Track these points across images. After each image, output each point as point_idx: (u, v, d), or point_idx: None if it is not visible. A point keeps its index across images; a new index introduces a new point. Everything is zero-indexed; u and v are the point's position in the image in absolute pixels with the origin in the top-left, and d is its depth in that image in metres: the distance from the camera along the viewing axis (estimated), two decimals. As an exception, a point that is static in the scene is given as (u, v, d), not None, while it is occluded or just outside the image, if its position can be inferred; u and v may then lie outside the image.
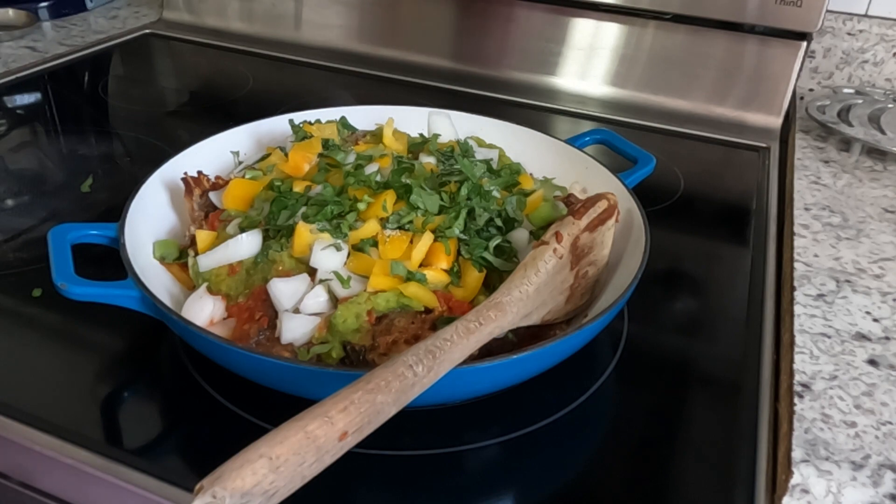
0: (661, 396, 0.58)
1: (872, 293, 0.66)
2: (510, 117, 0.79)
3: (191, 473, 0.49)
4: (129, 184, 0.64)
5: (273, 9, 1.25)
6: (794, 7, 0.95)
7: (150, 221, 0.63)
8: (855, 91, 1.04)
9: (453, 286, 0.56)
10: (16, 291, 0.65)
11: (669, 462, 0.52)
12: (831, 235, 0.74)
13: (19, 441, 0.51)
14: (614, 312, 0.53)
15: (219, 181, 0.67)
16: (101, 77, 1.14)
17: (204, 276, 0.58)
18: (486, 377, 0.50)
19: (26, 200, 0.80)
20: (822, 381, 0.56)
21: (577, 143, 0.77)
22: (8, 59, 1.11)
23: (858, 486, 0.48)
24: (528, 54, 1.12)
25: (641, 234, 0.61)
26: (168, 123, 1.00)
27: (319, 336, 0.53)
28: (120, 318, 0.56)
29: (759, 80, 1.02)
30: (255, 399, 0.54)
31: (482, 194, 0.61)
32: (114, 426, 0.53)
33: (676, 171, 0.91)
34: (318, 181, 0.63)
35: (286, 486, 0.36)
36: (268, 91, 1.10)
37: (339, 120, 0.76)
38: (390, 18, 1.19)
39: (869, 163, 0.90)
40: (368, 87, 1.13)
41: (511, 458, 0.52)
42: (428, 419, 0.54)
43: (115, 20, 1.31)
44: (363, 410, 0.39)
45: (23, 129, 0.97)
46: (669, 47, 1.05)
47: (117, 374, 0.58)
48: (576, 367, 0.56)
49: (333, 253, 0.56)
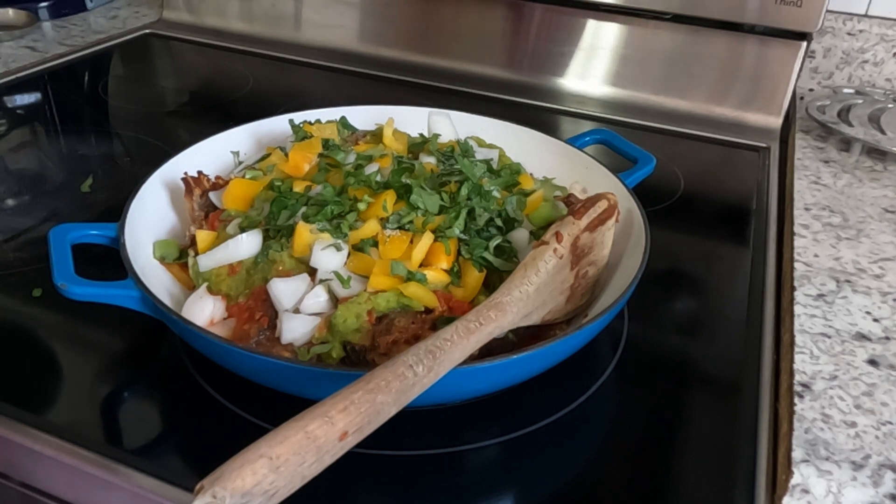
0: (661, 396, 0.58)
1: (872, 293, 0.66)
2: (510, 117, 0.79)
3: (191, 473, 0.49)
4: (129, 184, 0.64)
5: (273, 9, 1.25)
6: (794, 7, 0.95)
7: (151, 221, 0.63)
8: (855, 91, 1.04)
9: (453, 286, 0.56)
10: (16, 291, 0.65)
11: (669, 462, 0.52)
12: (831, 235, 0.74)
13: (19, 441, 0.51)
14: (614, 312, 0.53)
15: (219, 181, 0.67)
16: (101, 77, 1.14)
17: (204, 276, 0.58)
18: (486, 377, 0.50)
19: (26, 200, 0.80)
20: (822, 381, 0.56)
21: (577, 143, 0.77)
22: (8, 59, 1.11)
23: (858, 486, 0.48)
24: (529, 54, 1.12)
25: (641, 234, 0.61)
26: (168, 123, 1.00)
27: (320, 336, 0.53)
28: (120, 319, 0.56)
29: (759, 80, 1.02)
30: (255, 399, 0.54)
31: (482, 194, 0.62)
32: (114, 426, 0.53)
33: (676, 171, 0.91)
34: (318, 181, 0.63)
35: (286, 486, 0.36)
36: (268, 91, 1.10)
37: (339, 120, 0.76)
38: (390, 18, 1.18)
39: (869, 163, 0.90)
40: (368, 87, 1.13)
41: (511, 458, 0.52)
42: (428, 419, 0.54)
43: (115, 20, 1.31)
44: (363, 410, 0.39)
45: (23, 129, 0.97)
46: (670, 47, 1.05)
47: (117, 374, 0.58)
48: (576, 367, 0.56)
49: (333, 253, 0.56)
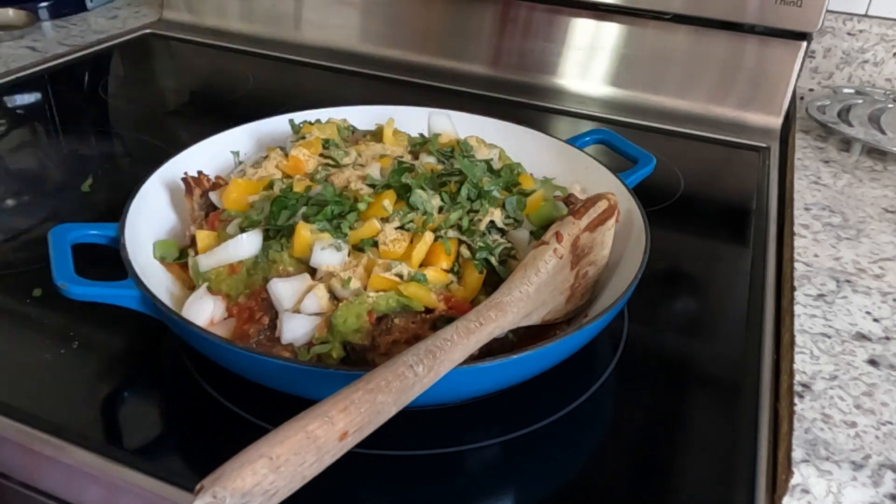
0: (661, 396, 0.58)
1: (873, 293, 0.66)
2: (510, 117, 0.79)
3: (191, 473, 0.49)
4: (129, 184, 0.64)
5: (273, 9, 1.25)
6: (794, 7, 0.95)
7: (151, 221, 0.63)
8: (855, 91, 1.04)
9: (454, 286, 0.56)
10: (16, 291, 0.65)
11: (670, 462, 0.52)
12: (831, 235, 0.74)
13: (19, 441, 0.51)
14: (614, 312, 0.53)
15: (219, 181, 0.67)
16: (101, 77, 1.14)
17: (204, 276, 0.58)
18: (486, 377, 0.50)
19: (26, 200, 0.80)
20: (822, 381, 0.56)
21: (577, 143, 0.77)
22: (8, 59, 1.11)
23: (859, 486, 0.48)
24: (529, 54, 1.12)
25: (641, 234, 0.61)
26: (168, 123, 1.00)
27: (320, 336, 0.53)
28: (120, 319, 0.56)
29: (759, 80, 1.02)
30: (255, 399, 0.54)
31: (483, 194, 0.62)
32: (114, 426, 0.53)
33: (677, 171, 0.91)
34: (318, 181, 0.63)
35: (286, 485, 0.36)
36: (268, 91, 1.10)
37: (340, 120, 0.76)
38: (390, 18, 1.18)
39: (869, 163, 0.90)
40: (369, 87, 1.13)
41: (511, 458, 0.52)
42: (428, 419, 0.54)
43: (116, 20, 1.31)
44: (363, 410, 0.39)
45: (23, 129, 0.97)
46: (670, 47, 1.05)
47: (117, 374, 0.58)
48: (576, 367, 0.56)
49: (334, 253, 0.56)
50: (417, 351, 0.44)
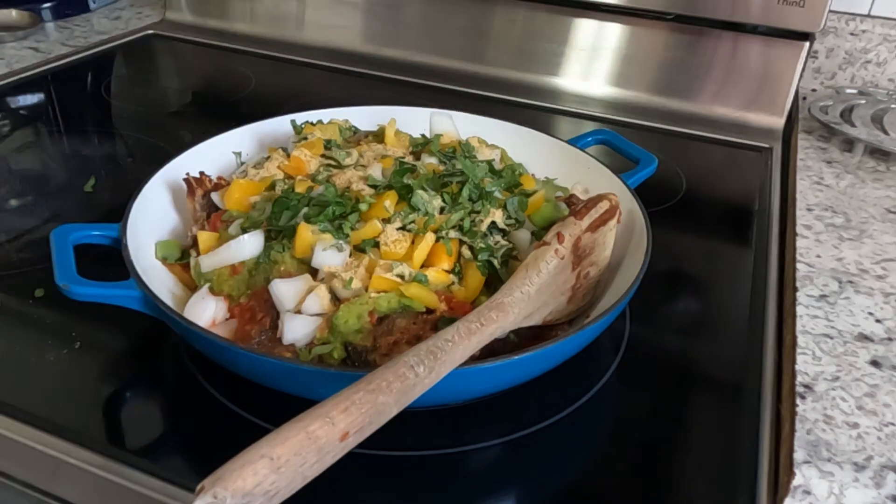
0: (662, 397, 0.58)
1: (875, 294, 0.66)
2: (512, 118, 0.79)
3: (192, 474, 0.49)
4: (131, 184, 0.64)
5: (275, 9, 1.25)
6: (796, 7, 0.95)
7: (153, 222, 0.63)
8: (858, 91, 1.04)
9: (455, 287, 0.56)
10: (18, 291, 0.65)
11: (671, 463, 0.52)
12: (834, 236, 0.74)
13: (20, 441, 0.52)
14: (616, 313, 0.53)
15: (221, 182, 0.68)
16: (103, 78, 1.14)
17: (206, 277, 0.59)
18: (487, 378, 0.50)
19: (29, 201, 0.81)
20: (824, 382, 0.56)
21: (579, 143, 0.77)
22: (11, 60, 1.11)
23: (861, 487, 0.48)
24: (531, 55, 1.12)
25: (643, 235, 0.61)
26: (170, 124, 1.01)
27: (321, 337, 0.53)
28: (122, 319, 0.56)
29: (761, 81, 1.01)
30: (256, 399, 0.54)
31: (484, 195, 0.62)
32: (116, 426, 0.53)
33: (679, 172, 0.91)
34: (319, 182, 0.63)
35: (287, 486, 0.36)
36: (270, 91, 1.10)
37: (342, 121, 0.76)
38: (392, 19, 1.19)
39: (872, 163, 0.90)
40: (371, 88, 1.13)
41: (513, 459, 0.52)
42: (430, 420, 0.54)
43: (118, 21, 1.32)
44: (364, 411, 0.39)
45: (26, 129, 0.97)
46: (672, 48, 1.05)
47: (119, 374, 0.58)
48: (578, 367, 0.56)
49: (335, 253, 0.56)
50: (418, 351, 0.44)
